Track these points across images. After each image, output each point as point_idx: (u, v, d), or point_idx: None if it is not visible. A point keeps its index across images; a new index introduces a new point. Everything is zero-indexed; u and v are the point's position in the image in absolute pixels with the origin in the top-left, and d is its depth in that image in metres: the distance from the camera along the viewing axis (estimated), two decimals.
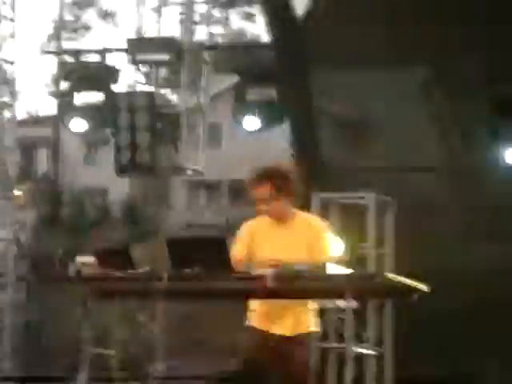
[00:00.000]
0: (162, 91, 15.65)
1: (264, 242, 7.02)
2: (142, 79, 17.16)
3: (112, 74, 16.20)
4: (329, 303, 8.97)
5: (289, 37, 15.51)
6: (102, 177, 29.75)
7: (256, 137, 16.15)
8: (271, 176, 6.58)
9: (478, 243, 16.90)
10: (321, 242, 6.83)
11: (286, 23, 15.37)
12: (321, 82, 15.70)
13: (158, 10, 15.24)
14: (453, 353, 14.41)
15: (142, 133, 13.42)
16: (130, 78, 17.63)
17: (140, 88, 16.29)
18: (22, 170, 21.79)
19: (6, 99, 17.38)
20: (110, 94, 14.51)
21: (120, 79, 16.82)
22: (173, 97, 15.74)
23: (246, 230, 7.12)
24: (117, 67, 17.26)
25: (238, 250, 6.67)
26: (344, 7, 17.79)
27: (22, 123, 29.13)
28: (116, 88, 15.95)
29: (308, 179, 11.53)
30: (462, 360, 14.28)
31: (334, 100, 15.55)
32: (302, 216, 7.41)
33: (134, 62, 15.74)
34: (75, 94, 15.42)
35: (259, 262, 6.57)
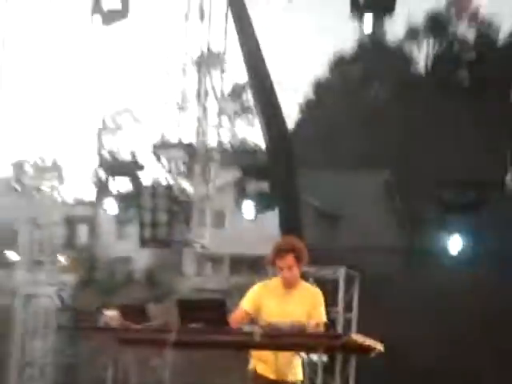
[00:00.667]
0: (179, 182, 16.03)
1: (271, 301, 7.42)
2: (163, 172, 16.92)
3: (140, 168, 16.82)
4: (304, 356, 9.27)
5: (279, 144, 15.42)
6: (128, 248, 30.56)
7: (252, 219, 16.24)
8: (294, 248, 6.69)
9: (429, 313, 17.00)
10: (318, 309, 7.10)
11: (277, 134, 15.59)
12: (304, 180, 15.90)
13: (177, 119, 14.85)
14: None
15: (162, 214, 13.57)
16: (153, 171, 18.39)
17: (161, 179, 15.96)
18: (66, 241, 22.50)
19: (55, 183, 17.87)
20: (137, 184, 14.83)
21: (146, 172, 17.02)
22: (187, 186, 16.05)
23: (257, 289, 7.28)
24: (144, 163, 18.02)
25: (242, 307, 7.04)
26: (322, 127, 18.13)
27: (68, 204, 29.67)
28: (142, 178, 16.02)
29: None
30: None
31: (314, 194, 15.79)
32: (304, 285, 7.75)
33: (158, 160, 17.12)
34: (110, 182, 16.01)
35: (264, 318, 7.12)
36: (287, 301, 7.10)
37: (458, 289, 19.10)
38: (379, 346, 6.48)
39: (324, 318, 7.51)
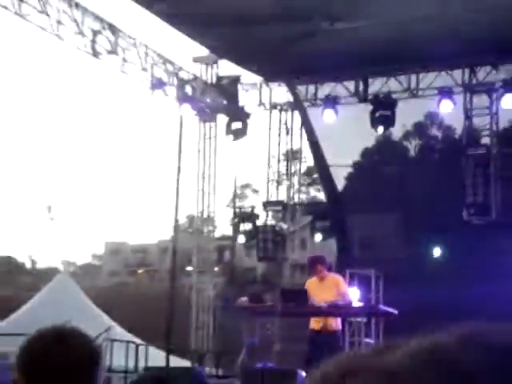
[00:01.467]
0: (278, 223, 18.60)
1: (315, 290, 10.94)
2: (270, 218, 18.51)
3: (257, 216, 18.92)
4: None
5: (333, 199, 18.46)
6: (252, 262, 32.07)
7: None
8: (318, 261, 10.80)
9: None
10: (340, 288, 10.87)
11: (332, 194, 18.50)
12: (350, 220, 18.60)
13: (276, 188, 17.74)
14: None
15: (269, 242, 16.81)
16: (264, 218, 18.85)
17: (268, 222, 18.12)
18: (218, 258, 26.24)
19: (211, 228, 21.31)
20: (255, 225, 17.88)
21: (260, 219, 18.82)
22: (283, 226, 18.02)
23: (307, 284, 11.27)
24: (258, 213, 19.82)
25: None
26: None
27: (218, 238, 32.27)
28: (258, 222, 18.28)
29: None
30: None
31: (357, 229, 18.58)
32: (329, 275, 11.33)
33: (265, 211, 19.68)
34: (241, 225, 18.82)
35: (315, 300, 10.76)
36: (321, 287, 10.74)
37: None
38: (395, 311, 10.73)
39: (347, 293, 11.04)
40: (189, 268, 22.33)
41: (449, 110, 15.56)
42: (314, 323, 11.47)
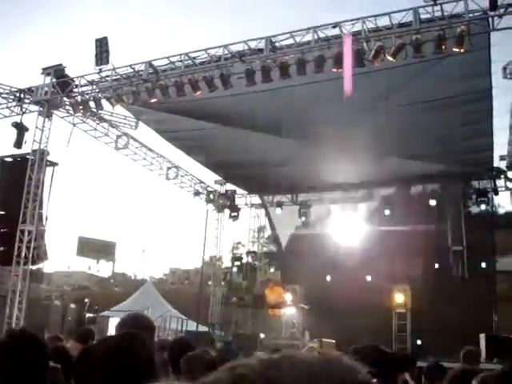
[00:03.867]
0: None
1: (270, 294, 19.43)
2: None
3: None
4: None
5: (280, 251, 25.00)
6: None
7: None
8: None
9: None
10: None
11: (279, 249, 25.53)
12: None
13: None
14: None
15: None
16: None
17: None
18: None
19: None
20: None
21: None
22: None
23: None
24: None
25: None
26: None
27: None
28: None
29: None
30: None
31: None
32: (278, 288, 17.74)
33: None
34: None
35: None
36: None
37: None
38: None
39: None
40: (209, 282, 25.98)
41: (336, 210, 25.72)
42: (271, 312, 17.10)
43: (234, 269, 25.35)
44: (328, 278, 22.65)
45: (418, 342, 17.79)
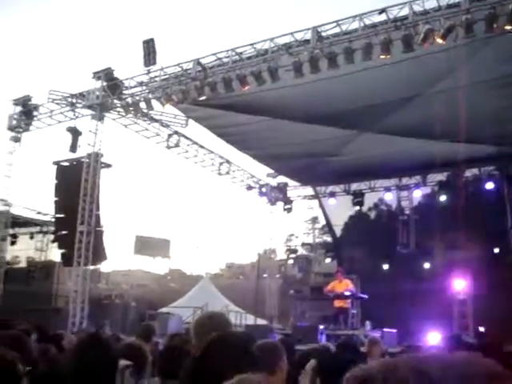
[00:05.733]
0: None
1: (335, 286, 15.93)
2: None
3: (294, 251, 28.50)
4: None
5: (335, 241, 25.69)
6: None
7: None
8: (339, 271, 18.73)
9: None
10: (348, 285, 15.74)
11: (334, 239, 26.65)
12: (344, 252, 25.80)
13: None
14: None
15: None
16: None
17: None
18: None
19: None
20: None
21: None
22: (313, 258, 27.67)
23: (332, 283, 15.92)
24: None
25: None
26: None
27: None
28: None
29: None
30: None
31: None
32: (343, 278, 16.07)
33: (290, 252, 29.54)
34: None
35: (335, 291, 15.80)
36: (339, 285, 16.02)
37: None
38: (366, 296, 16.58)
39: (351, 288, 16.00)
40: (265, 275, 26.61)
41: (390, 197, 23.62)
42: (337, 303, 16.07)
43: (290, 261, 25.26)
44: (385, 266, 22.53)
45: (481, 328, 17.33)
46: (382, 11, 13.23)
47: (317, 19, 14.25)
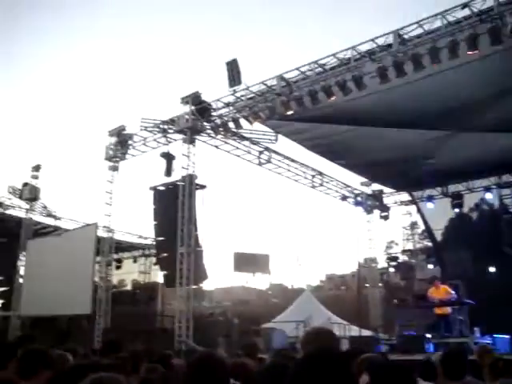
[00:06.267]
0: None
1: (434, 293, 15.07)
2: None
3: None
4: None
5: (436, 246, 25.72)
6: None
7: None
8: (435, 278, 17.89)
9: None
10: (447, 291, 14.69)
11: (434, 244, 24.65)
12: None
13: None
14: None
15: None
16: None
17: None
18: None
19: None
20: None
21: None
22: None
23: (430, 290, 14.83)
24: None
25: None
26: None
27: None
28: None
29: None
30: None
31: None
32: (441, 285, 15.13)
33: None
34: None
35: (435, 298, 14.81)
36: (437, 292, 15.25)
37: None
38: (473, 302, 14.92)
39: (451, 293, 14.85)
40: (366, 284, 26.21)
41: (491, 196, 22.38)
42: (438, 310, 15.58)
43: (391, 269, 24.90)
44: (491, 268, 21.77)
45: None
46: (465, 6, 12.89)
47: (398, 22, 13.88)
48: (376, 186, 24.83)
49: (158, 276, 26.49)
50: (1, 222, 26.14)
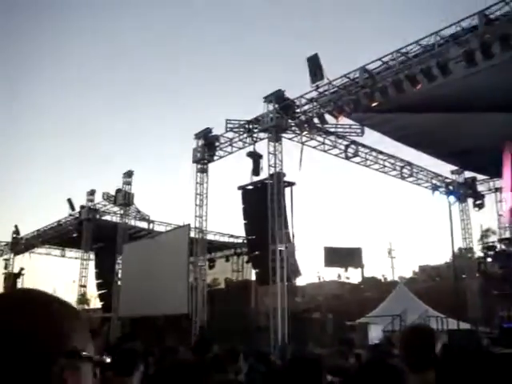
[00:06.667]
0: None
1: None
2: None
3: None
4: None
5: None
6: None
7: None
8: None
9: None
10: None
11: None
12: None
13: None
14: None
15: None
16: None
17: None
18: None
19: None
20: None
21: None
22: None
23: None
24: None
25: None
26: None
27: None
28: None
29: None
30: None
31: None
32: None
33: None
34: None
35: None
36: None
37: None
38: None
39: None
40: (463, 275, 25.13)
41: None
42: None
43: (488, 259, 24.05)
44: None
45: None
46: None
47: (482, 2, 13.43)
48: (468, 174, 24.27)
49: (251, 274, 26.75)
50: (98, 228, 27.27)
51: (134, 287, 22.48)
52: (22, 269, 34.21)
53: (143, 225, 28.66)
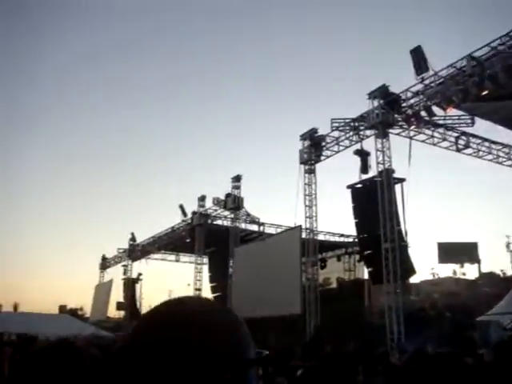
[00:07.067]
0: None
1: None
2: None
3: None
4: None
5: None
6: None
7: None
8: None
9: None
10: None
11: None
12: None
13: None
14: None
15: None
16: None
17: None
18: None
19: None
20: None
21: None
22: None
23: None
24: None
25: None
26: None
27: None
28: None
29: None
30: None
31: None
32: None
33: None
34: None
35: None
36: None
37: None
38: None
39: None
40: None
41: None
42: None
43: None
44: None
45: None
46: None
47: None
48: None
49: (363, 272, 26.79)
50: (210, 233, 28.03)
51: (246, 289, 22.79)
52: (139, 274, 35.99)
53: (254, 228, 29.15)
